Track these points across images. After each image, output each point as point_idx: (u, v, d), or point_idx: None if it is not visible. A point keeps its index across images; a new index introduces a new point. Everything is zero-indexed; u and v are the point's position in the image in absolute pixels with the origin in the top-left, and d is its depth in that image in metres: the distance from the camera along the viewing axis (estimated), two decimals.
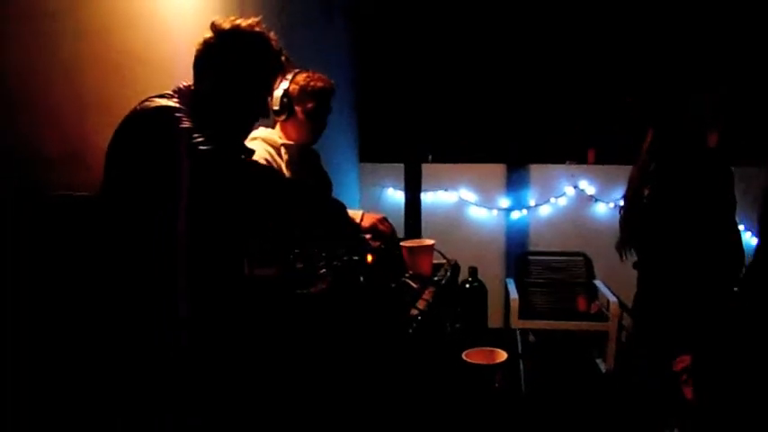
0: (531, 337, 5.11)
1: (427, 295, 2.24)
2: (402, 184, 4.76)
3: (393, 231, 2.37)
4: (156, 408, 1.59)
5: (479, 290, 2.47)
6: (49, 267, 1.67)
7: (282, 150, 2.65)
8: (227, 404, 1.59)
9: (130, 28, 2.18)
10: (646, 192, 3.16)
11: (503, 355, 2.00)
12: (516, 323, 4.63)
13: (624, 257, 3.25)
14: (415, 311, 2.04)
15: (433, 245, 2.45)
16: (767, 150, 4.59)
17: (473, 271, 2.48)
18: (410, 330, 1.93)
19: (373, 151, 5.38)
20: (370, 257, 2.09)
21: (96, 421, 1.59)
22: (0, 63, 1.63)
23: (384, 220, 2.41)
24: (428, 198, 5.16)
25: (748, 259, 3.34)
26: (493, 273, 5.19)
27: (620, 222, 3.29)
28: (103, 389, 1.61)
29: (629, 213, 3.24)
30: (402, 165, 4.64)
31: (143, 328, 1.65)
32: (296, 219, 2.02)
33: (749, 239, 4.26)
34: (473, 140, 5.40)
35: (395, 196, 5.24)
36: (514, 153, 5.32)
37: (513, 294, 4.74)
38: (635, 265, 3.31)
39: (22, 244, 1.61)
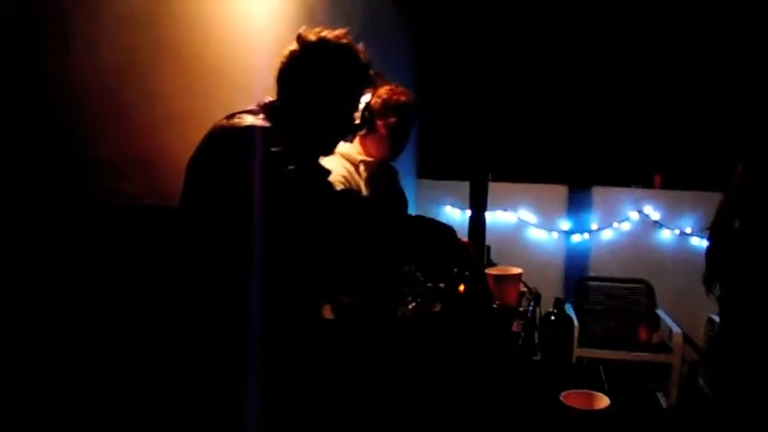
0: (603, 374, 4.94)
1: (516, 327, 2.11)
2: (460, 202, 4.64)
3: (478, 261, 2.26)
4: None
5: (566, 322, 2.33)
6: (110, 276, 1.61)
7: (362, 167, 2.55)
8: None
9: (207, 41, 2.11)
10: (736, 224, 3.04)
11: (604, 401, 1.85)
12: (576, 351, 4.46)
13: (711, 292, 3.13)
14: (507, 346, 1.92)
15: (520, 274, 2.33)
16: None
17: (559, 302, 2.34)
18: (504, 365, 1.81)
19: (431, 167, 5.28)
20: (462, 286, 1.97)
21: None
22: (74, 69, 1.55)
23: (471, 246, 2.29)
24: (486, 217, 5.03)
25: None
26: (551, 297, 5.02)
27: (706, 255, 3.17)
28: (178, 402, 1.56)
29: (717, 246, 3.12)
30: (460, 182, 4.55)
31: (215, 345, 1.58)
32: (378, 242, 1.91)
33: None
34: (535, 159, 5.27)
35: (452, 214, 5.12)
36: (577, 174, 5.17)
37: (573, 320, 4.57)
38: (719, 299, 3.18)
39: (89, 252, 1.56)
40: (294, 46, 1.76)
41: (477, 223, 3.98)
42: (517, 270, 2.35)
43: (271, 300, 1.58)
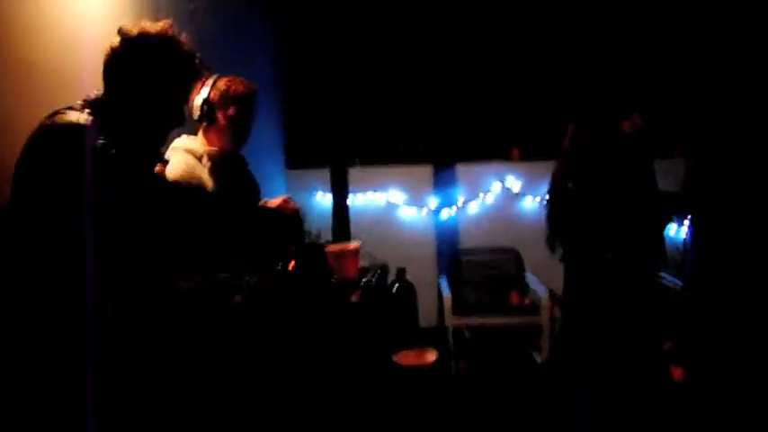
0: (467, 334, 5.15)
1: (354, 298, 2.22)
2: (330, 188, 4.71)
3: (297, 211, 2.34)
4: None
5: (408, 290, 2.47)
6: None
7: (204, 159, 2.58)
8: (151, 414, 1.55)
9: (33, 38, 2.09)
10: (569, 185, 3.24)
11: (432, 356, 2.00)
12: (450, 320, 4.66)
13: (553, 251, 3.32)
14: (342, 314, 2.02)
15: (357, 248, 2.44)
16: (680, 142, 4.75)
17: (400, 272, 2.48)
18: (339, 335, 1.91)
19: (301, 157, 5.34)
20: (291, 264, 2.06)
21: None
22: None
23: (288, 200, 2.38)
24: (358, 201, 5.17)
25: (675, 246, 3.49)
26: (425, 272, 5.22)
27: (546, 217, 3.36)
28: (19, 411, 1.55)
29: (555, 207, 3.31)
30: (329, 169, 4.62)
31: (56, 343, 1.59)
32: (216, 229, 1.98)
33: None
34: (400, 142, 5.42)
35: (324, 201, 5.21)
36: (441, 153, 5.36)
37: (446, 292, 4.76)
38: (561, 258, 3.39)
39: None
40: (116, 40, 1.77)
41: (340, 207, 4.08)
42: (355, 244, 2.46)
43: (108, 292, 1.61)
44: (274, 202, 2.38)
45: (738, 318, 3.08)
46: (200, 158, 2.58)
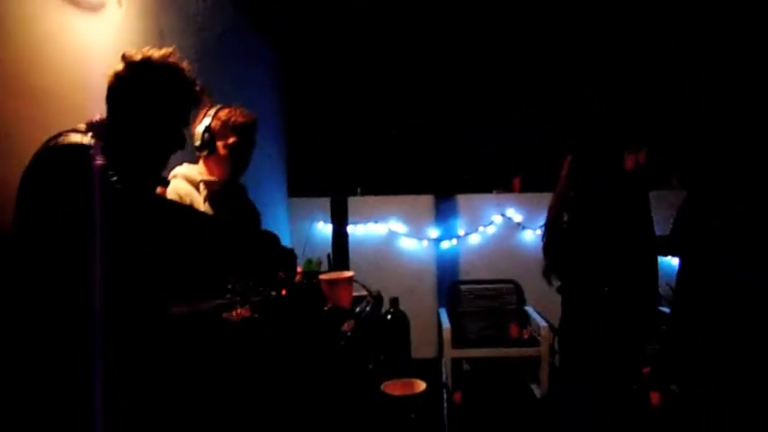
0: (466, 366, 5.13)
1: (346, 327, 2.22)
2: (329, 218, 4.73)
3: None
4: None
5: (401, 320, 2.46)
6: None
7: (201, 186, 2.61)
8: None
9: (40, 61, 2.13)
10: (565, 217, 3.24)
11: (421, 386, 1.99)
12: (450, 353, 4.65)
13: (550, 283, 3.31)
14: (333, 345, 2.02)
15: (351, 277, 2.44)
16: (676, 173, 4.76)
17: (394, 301, 2.47)
18: (329, 364, 1.91)
19: (302, 186, 5.38)
20: (283, 291, 2.07)
21: None
22: None
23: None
24: (358, 231, 5.18)
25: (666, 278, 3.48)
26: (425, 303, 5.23)
27: (543, 249, 3.35)
28: None
29: (551, 240, 3.31)
30: (329, 198, 4.64)
31: (58, 368, 1.59)
32: (214, 253, 1.99)
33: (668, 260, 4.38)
34: (401, 173, 5.45)
35: (325, 230, 5.22)
36: (442, 184, 5.39)
37: (446, 324, 4.75)
38: (558, 290, 3.38)
39: None
40: (120, 66, 1.81)
41: (340, 237, 4.10)
42: (348, 273, 2.46)
43: (108, 312, 1.61)
44: None
45: (732, 314, 3.05)
46: (197, 186, 2.61)
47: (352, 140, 4.94)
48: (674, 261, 3.99)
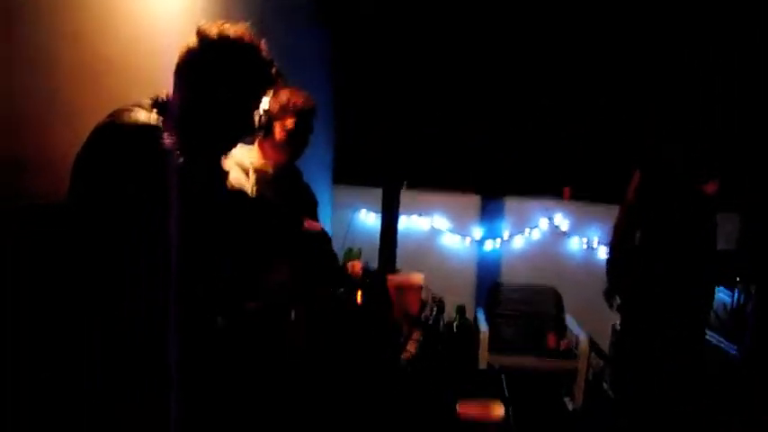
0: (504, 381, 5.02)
1: (416, 337, 2.12)
2: (375, 208, 4.63)
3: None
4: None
5: (467, 330, 2.36)
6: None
7: (251, 172, 2.50)
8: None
9: (107, 32, 2.03)
10: (637, 235, 3.13)
11: (499, 409, 1.88)
12: (485, 357, 4.53)
13: (611, 304, 3.22)
14: (407, 354, 1.92)
15: (421, 284, 2.34)
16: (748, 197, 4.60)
17: (460, 309, 2.37)
18: (404, 376, 1.81)
19: (347, 173, 5.27)
20: (359, 296, 1.96)
21: None
22: None
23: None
24: (401, 223, 5.06)
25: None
26: (462, 301, 5.07)
27: (608, 268, 3.25)
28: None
29: (619, 258, 3.20)
30: (376, 189, 4.56)
31: (118, 340, 1.51)
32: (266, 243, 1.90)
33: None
34: (449, 168, 5.32)
35: (367, 219, 5.13)
36: (490, 184, 5.26)
37: (483, 326, 4.64)
38: (619, 309, 3.27)
39: None
40: (193, 41, 1.69)
41: (389, 230, 4.00)
42: (419, 279, 2.35)
43: (171, 301, 1.53)
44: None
45: None
46: (246, 172, 2.51)
47: (402, 132, 4.83)
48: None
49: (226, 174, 1.90)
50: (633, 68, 5.05)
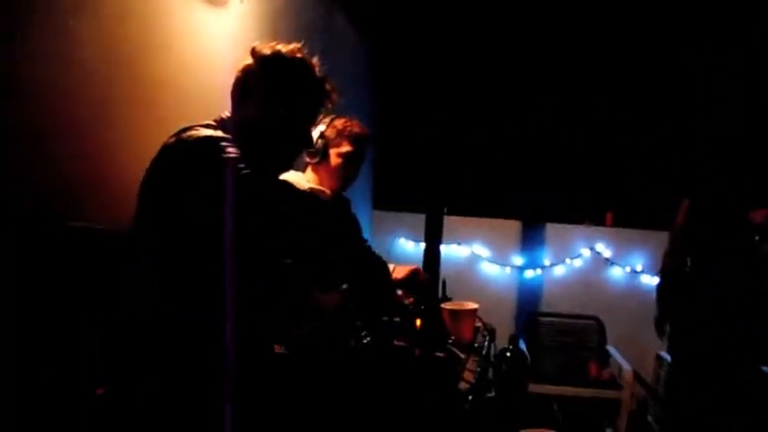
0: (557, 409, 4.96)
1: (472, 365, 2.09)
2: (414, 234, 4.62)
3: (430, 282, 2.24)
4: None
5: (520, 358, 2.32)
6: (56, 297, 1.57)
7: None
8: None
9: (162, 57, 2.09)
10: (687, 262, 3.08)
11: None
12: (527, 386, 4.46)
13: (662, 334, 3.16)
14: (465, 384, 1.88)
15: (476, 309, 2.31)
16: None
17: (513, 338, 2.34)
18: (465, 406, 1.78)
19: (386, 199, 5.27)
20: (418, 322, 1.94)
21: None
22: (30, 88, 1.54)
23: (420, 270, 2.28)
24: (441, 251, 5.04)
25: None
26: (502, 332, 5.02)
27: (657, 296, 3.20)
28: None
29: (669, 287, 3.15)
30: (415, 214, 4.57)
31: (188, 353, 1.54)
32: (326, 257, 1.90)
33: None
34: (489, 195, 5.31)
35: (406, 246, 5.11)
36: (531, 210, 5.23)
37: (527, 357, 4.56)
38: (669, 337, 3.21)
39: (35, 271, 1.52)
40: (249, 60, 1.74)
41: (432, 256, 3.97)
42: (473, 305, 2.33)
43: (241, 320, 1.56)
44: (404, 269, 2.28)
45: None
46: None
47: (442, 158, 4.83)
48: None
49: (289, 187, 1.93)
50: (678, 94, 5.03)
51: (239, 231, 1.53)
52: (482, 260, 5.19)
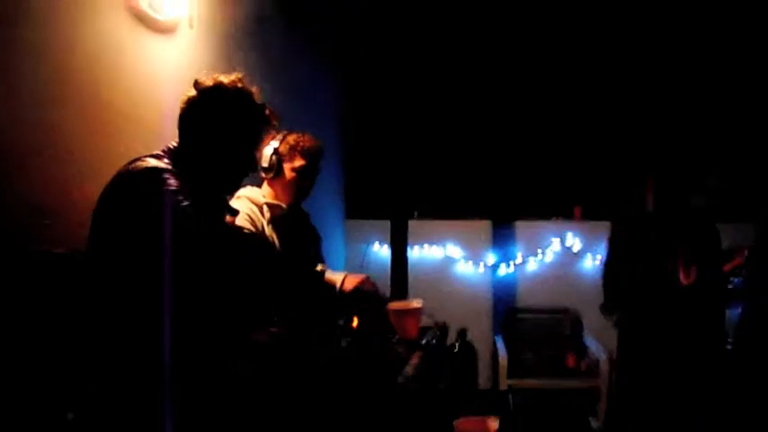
0: (511, 398, 5.04)
1: (415, 360, 2.18)
2: (387, 240, 4.70)
3: (377, 292, 2.31)
4: None
5: (468, 352, 2.41)
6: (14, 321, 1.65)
7: (265, 208, 2.62)
8: None
9: (117, 86, 2.18)
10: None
11: (495, 423, 1.94)
12: (505, 382, 4.55)
13: (609, 315, 3.25)
14: (401, 379, 1.98)
15: (420, 308, 2.40)
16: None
17: (462, 333, 2.43)
18: (398, 397, 1.87)
19: (359, 208, 5.36)
20: (355, 321, 2.03)
21: None
22: None
23: (367, 280, 2.34)
24: (414, 254, 5.14)
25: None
26: (480, 329, 5.14)
27: (603, 283, 3.29)
28: None
29: (613, 273, 3.24)
30: (387, 221, 4.62)
31: (127, 387, 1.62)
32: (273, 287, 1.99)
33: None
34: (459, 197, 5.40)
35: (381, 252, 5.20)
36: (500, 209, 5.33)
37: (502, 352, 4.66)
38: (617, 323, 3.30)
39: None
40: (192, 92, 1.85)
41: (400, 260, 4.07)
42: (417, 304, 2.42)
43: (182, 342, 1.63)
44: (354, 280, 2.34)
45: None
46: (260, 207, 2.62)
47: (410, 164, 4.92)
48: None
49: (235, 212, 2.02)
50: (640, 87, 5.14)
51: (174, 260, 1.61)
52: (456, 261, 5.29)
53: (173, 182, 1.68)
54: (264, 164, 2.62)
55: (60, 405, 1.66)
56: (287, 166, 2.63)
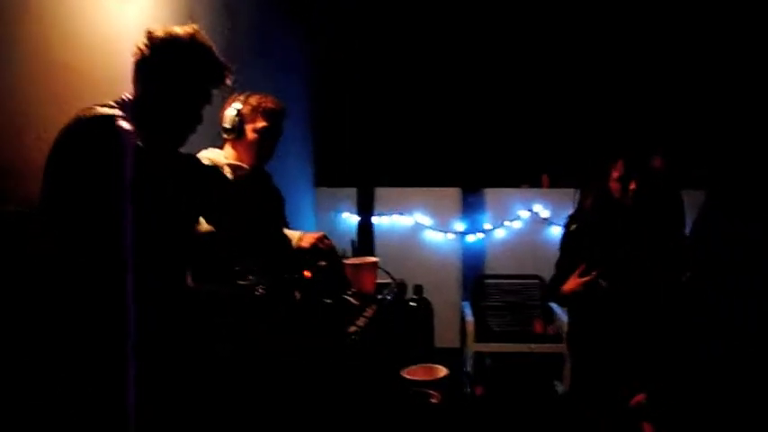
0: (487, 361, 5.10)
1: (369, 312, 2.22)
2: (357, 208, 4.72)
3: (333, 249, 2.35)
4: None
5: (424, 307, 2.46)
6: None
7: (226, 169, 2.63)
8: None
9: (70, 43, 2.15)
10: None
11: (442, 371, 1.99)
12: (472, 346, 4.63)
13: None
14: (354, 328, 2.02)
15: (376, 262, 2.44)
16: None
17: (417, 288, 2.47)
18: (348, 347, 1.91)
19: (329, 176, 5.38)
20: (307, 273, 2.07)
21: None
22: None
23: (324, 238, 2.38)
24: (384, 222, 5.18)
25: None
26: (450, 296, 5.21)
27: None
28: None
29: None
30: (356, 189, 4.64)
31: (90, 335, 1.62)
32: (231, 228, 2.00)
33: None
34: (428, 164, 5.43)
35: (351, 220, 5.23)
36: (469, 177, 5.36)
37: (469, 317, 4.73)
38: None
39: None
40: (143, 41, 1.83)
41: (366, 227, 4.10)
42: (373, 259, 2.46)
43: (143, 280, 1.64)
44: (311, 237, 2.37)
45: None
46: (221, 168, 2.63)
47: (379, 132, 4.94)
48: None
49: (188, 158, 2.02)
50: (605, 55, 5.17)
51: (136, 202, 1.62)
52: (425, 228, 5.33)
53: (125, 125, 1.68)
54: (227, 125, 2.63)
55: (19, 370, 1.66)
56: (249, 128, 2.63)
